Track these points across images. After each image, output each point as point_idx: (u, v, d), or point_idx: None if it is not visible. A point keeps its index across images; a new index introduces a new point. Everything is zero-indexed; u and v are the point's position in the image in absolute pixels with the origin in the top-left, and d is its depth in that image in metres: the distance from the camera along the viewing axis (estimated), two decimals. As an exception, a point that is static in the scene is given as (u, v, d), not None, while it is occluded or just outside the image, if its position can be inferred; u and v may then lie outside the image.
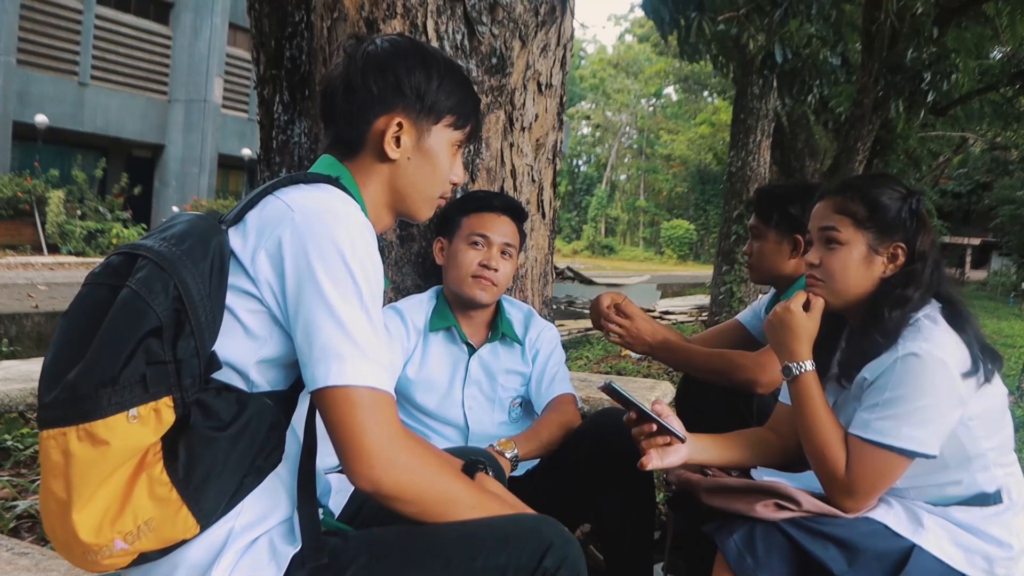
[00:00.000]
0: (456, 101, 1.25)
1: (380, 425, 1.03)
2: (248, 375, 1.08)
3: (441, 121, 1.25)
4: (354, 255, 1.05)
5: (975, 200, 28.89)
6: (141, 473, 0.98)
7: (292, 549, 1.07)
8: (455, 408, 1.88)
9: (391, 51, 1.22)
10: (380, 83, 1.20)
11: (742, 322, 2.33)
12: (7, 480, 2.60)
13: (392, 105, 1.21)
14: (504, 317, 1.97)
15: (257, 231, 1.08)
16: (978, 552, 1.37)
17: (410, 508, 1.07)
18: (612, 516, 1.76)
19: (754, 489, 1.41)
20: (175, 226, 1.08)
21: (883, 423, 1.35)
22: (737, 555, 1.34)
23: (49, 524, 1.01)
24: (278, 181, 1.14)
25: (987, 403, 1.41)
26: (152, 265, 1.00)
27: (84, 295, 1.05)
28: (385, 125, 1.21)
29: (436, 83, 1.23)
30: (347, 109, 1.22)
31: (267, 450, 1.07)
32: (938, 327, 1.38)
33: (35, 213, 16.56)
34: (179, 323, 0.99)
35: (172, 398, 0.99)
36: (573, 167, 49.43)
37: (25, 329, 7.28)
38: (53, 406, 0.97)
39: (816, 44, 6.34)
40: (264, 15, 2.51)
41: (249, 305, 1.07)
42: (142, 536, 0.98)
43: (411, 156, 1.23)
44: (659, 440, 1.44)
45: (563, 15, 2.31)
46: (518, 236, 1.95)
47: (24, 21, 18.45)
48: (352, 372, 1.02)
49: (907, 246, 1.45)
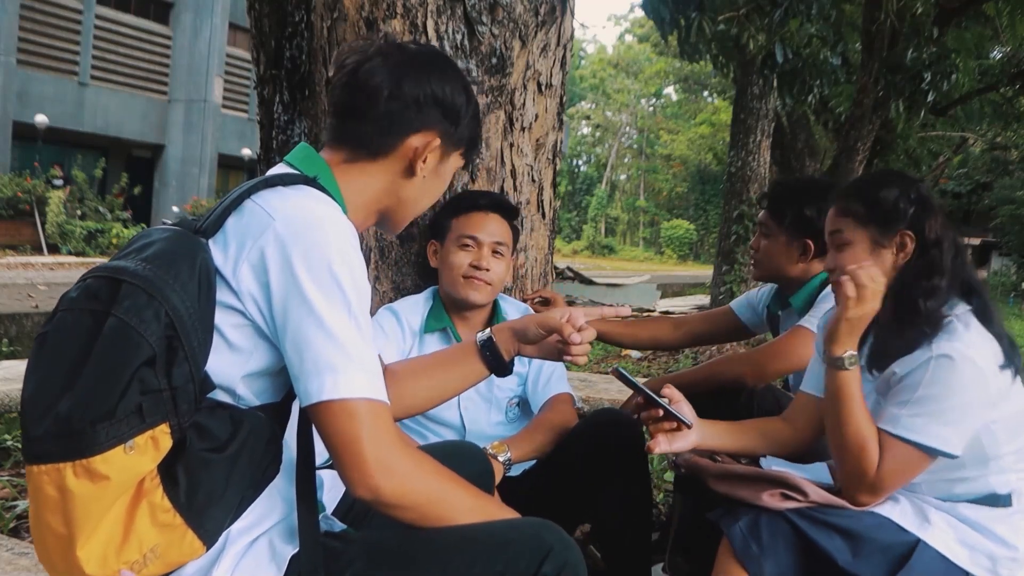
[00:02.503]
0: (476, 133, 1.27)
1: (377, 434, 1.02)
2: (235, 391, 1.06)
3: (460, 150, 1.26)
4: (341, 262, 1.03)
5: (975, 200, 28.86)
6: (141, 501, 0.97)
7: (291, 550, 1.06)
8: (451, 409, 1.87)
9: (435, 62, 1.21)
10: (427, 97, 1.18)
11: (734, 310, 2.32)
12: (7, 480, 2.60)
13: (433, 124, 1.19)
14: (501, 317, 1.96)
15: (238, 241, 1.04)
16: (983, 551, 1.37)
17: (408, 515, 1.06)
18: (610, 516, 1.76)
19: (762, 478, 1.41)
20: (153, 244, 1.03)
21: (914, 420, 1.36)
22: (742, 541, 1.34)
23: (47, 557, 0.99)
24: (255, 184, 1.10)
25: (1012, 406, 1.41)
26: (139, 291, 0.96)
27: (63, 321, 0.99)
28: (421, 143, 1.19)
29: (471, 111, 1.23)
30: (382, 112, 1.18)
31: (265, 464, 1.07)
32: (970, 331, 1.38)
33: (35, 213, 16.55)
34: (172, 350, 0.96)
35: (169, 424, 0.96)
36: (573, 167, 49.41)
37: (25, 329, 7.28)
38: (44, 440, 0.93)
39: (816, 44, 6.35)
40: (264, 15, 2.52)
41: (233, 320, 1.04)
42: (149, 564, 0.98)
43: (427, 176, 1.23)
44: (667, 425, 1.45)
45: (563, 15, 2.31)
46: (510, 234, 1.94)
47: (24, 21, 18.44)
48: (346, 385, 1.00)
49: (915, 233, 1.45)
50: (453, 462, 1.42)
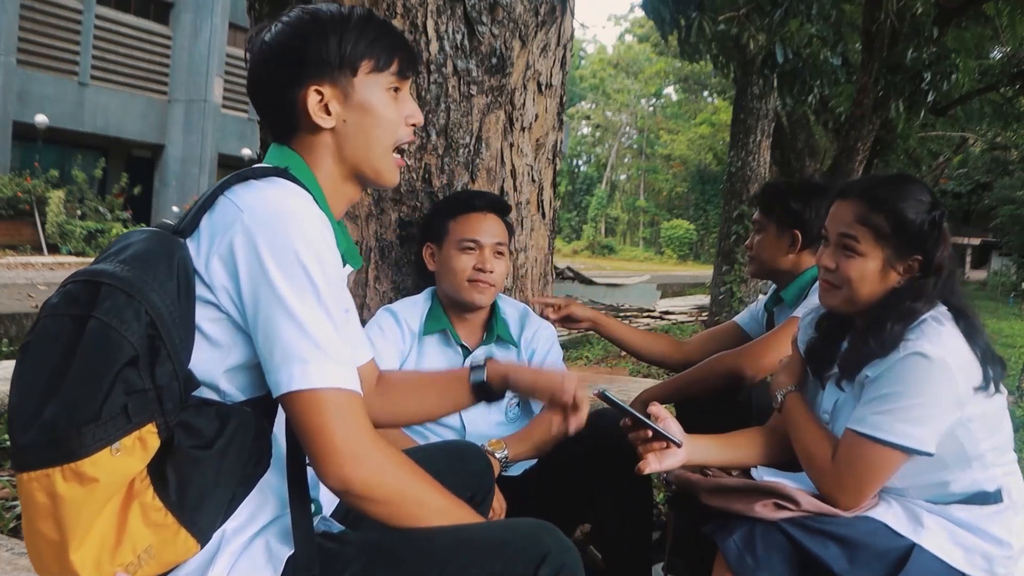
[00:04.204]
0: (365, 45, 1.18)
1: (348, 424, 1.02)
2: (219, 386, 1.06)
3: (359, 71, 1.18)
4: (307, 250, 1.02)
5: (975, 200, 28.87)
6: (132, 502, 0.97)
7: (287, 550, 1.06)
8: (451, 409, 1.87)
9: (285, 31, 1.18)
10: (282, 64, 1.17)
11: (740, 324, 2.34)
12: (7, 480, 2.60)
13: (303, 79, 1.16)
14: (500, 318, 1.96)
15: (209, 236, 1.05)
16: (977, 551, 1.37)
17: (379, 509, 1.05)
18: (610, 516, 1.76)
19: (753, 489, 1.41)
20: (131, 246, 1.04)
21: (878, 418, 1.36)
22: (737, 555, 1.34)
23: (42, 564, 0.99)
24: (228, 179, 1.11)
25: (987, 405, 1.41)
26: (118, 292, 0.97)
27: (45, 328, 0.99)
28: (306, 99, 1.16)
29: (335, 39, 1.16)
30: (265, 99, 1.21)
31: (255, 459, 1.07)
32: (944, 328, 1.38)
33: (35, 213, 16.55)
34: (154, 349, 0.97)
35: (156, 424, 0.97)
36: (573, 167, 49.42)
37: (25, 329, 7.27)
38: (32, 449, 0.93)
39: (816, 44, 6.35)
40: (264, 15, 2.51)
41: (210, 314, 1.04)
42: (143, 565, 0.98)
43: (346, 118, 1.18)
44: (656, 444, 1.44)
45: (563, 15, 2.31)
46: (506, 232, 1.94)
47: (24, 21, 18.44)
48: (316, 374, 1.00)
49: (924, 258, 1.44)
50: (454, 461, 1.43)
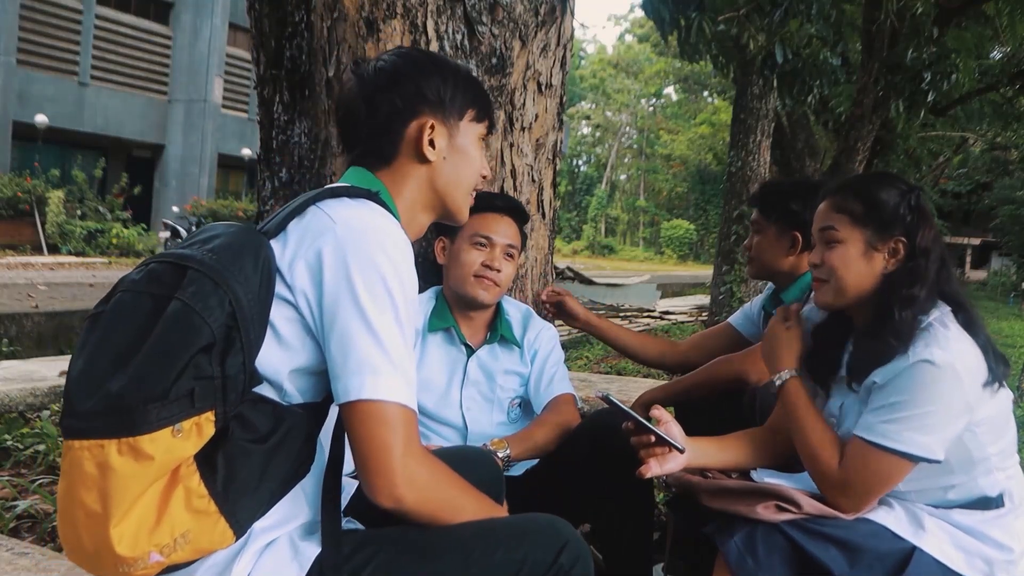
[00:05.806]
0: (473, 95, 1.31)
1: (404, 444, 1.04)
2: (282, 385, 1.08)
3: (465, 116, 1.29)
4: (394, 272, 1.07)
5: (975, 200, 28.87)
6: (176, 485, 0.98)
7: (313, 549, 1.07)
8: (453, 409, 1.88)
9: (400, 63, 1.27)
10: (401, 93, 1.24)
11: (734, 324, 2.33)
12: (7, 480, 2.60)
13: (419, 111, 1.25)
14: (503, 318, 1.97)
15: (297, 240, 1.09)
16: (978, 555, 1.37)
17: (422, 518, 1.09)
18: (611, 516, 1.76)
19: (754, 491, 1.41)
20: (217, 237, 1.07)
21: (888, 426, 1.35)
22: (738, 556, 1.34)
23: (75, 535, 0.99)
24: (320, 193, 1.16)
25: (994, 408, 1.40)
26: (204, 278, 1.00)
27: (123, 302, 1.02)
28: (418, 129, 1.24)
29: (451, 83, 1.27)
30: (374, 123, 1.25)
31: (300, 461, 1.09)
32: (951, 332, 1.37)
33: (35, 213, 16.55)
34: (230, 339, 1.00)
35: (215, 412, 0.99)
36: (573, 167, 49.39)
37: (25, 329, 7.27)
38: (90, 416, 0.95)
39: (816, 44, 6.34)
40: (264, 15, 2.51)
41: (286, 313, 1.08)
42: (178, 548, 0.99)
43: (447, 156, 1.27)
44: (658, 449, 1.44)
45: (563, 15, 2.31)
46: (519, 237, 1.95)
47: (24, 21, 18.43)
48: (385, 387, 1.04)
49: (908, 240, 1.44)
50: (466, 467, 1.44)
